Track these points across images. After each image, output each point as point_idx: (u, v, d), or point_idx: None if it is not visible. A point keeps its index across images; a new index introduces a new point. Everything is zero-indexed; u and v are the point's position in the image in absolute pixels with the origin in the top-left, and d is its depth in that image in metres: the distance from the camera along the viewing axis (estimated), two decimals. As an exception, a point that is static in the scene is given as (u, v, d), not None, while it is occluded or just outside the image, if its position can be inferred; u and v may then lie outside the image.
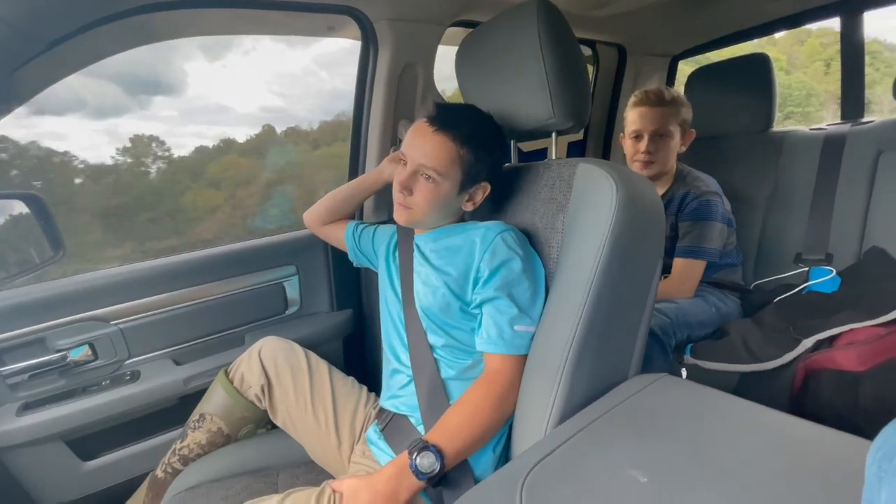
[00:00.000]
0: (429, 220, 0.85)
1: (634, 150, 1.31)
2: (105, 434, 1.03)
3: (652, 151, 1.28)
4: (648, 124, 1.28)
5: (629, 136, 1.34)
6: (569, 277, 0.71)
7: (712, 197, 1.25)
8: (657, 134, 1.28)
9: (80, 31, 0.80)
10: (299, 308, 1.27)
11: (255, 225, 2.85)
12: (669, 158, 1.30)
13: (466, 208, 0.86)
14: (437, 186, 0.79)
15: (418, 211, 0.81)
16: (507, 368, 0.74)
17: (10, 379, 0.95)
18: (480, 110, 0.85)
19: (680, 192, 1.29)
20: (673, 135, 1.29)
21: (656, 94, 1.30)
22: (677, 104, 1.30)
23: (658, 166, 1.29)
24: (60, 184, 2.45)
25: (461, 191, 0.82)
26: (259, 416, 0.97)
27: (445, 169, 0.78)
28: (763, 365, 0.99)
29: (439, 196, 0.80)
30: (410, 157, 0.80)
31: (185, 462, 0.93)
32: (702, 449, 0.52)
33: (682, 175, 1.33)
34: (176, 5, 0.90)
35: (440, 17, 1.20)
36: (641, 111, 1.30)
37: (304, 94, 3.44)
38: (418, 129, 0.80)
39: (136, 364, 1.07)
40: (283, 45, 3.09)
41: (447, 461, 0.68)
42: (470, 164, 0.79)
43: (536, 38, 0.78)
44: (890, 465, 0.31)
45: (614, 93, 1.92)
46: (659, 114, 1.28)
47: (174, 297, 1.10)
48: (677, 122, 1.29)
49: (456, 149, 0.78)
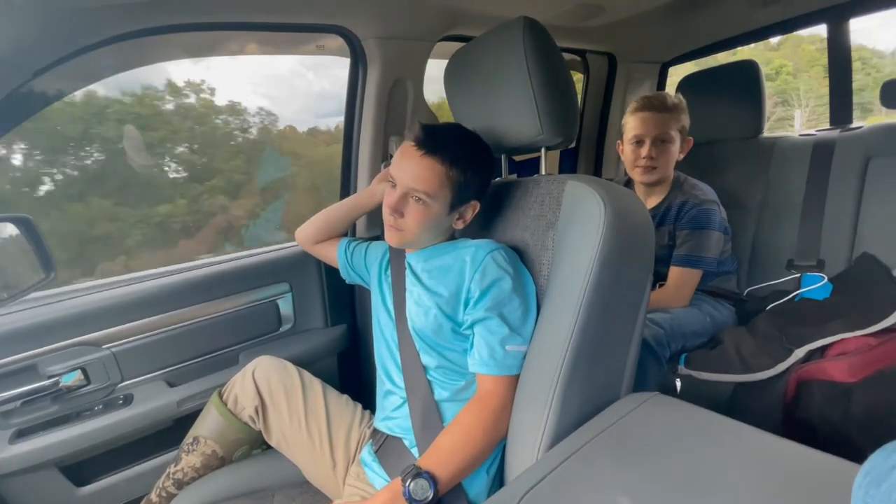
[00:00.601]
0: (420, 241, 0.85)
1: (635, 156, 1.30)
2: (99, 459, 1.03)
3: (654, 157, 1.27)
4: (651, 129, 1.27)
5: (629, 142, 1.32)
6: (559, 296, 0.71)
7: (710, 206, 1.25)
8: (659, 139, 1.27)
9: (62, 60, 0.80)
10: (293, 325, 1.27)
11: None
12: (670, 165, 1.30)
13: (457, 226, 0.86)
14: (428, 208, 0.79)
15: (409, 233, 0.82)
16: (500, 389, 0.74)
17: (3, 406, 0.94)
18: (466, 129, 0.85)
19: (678, 200, 1.29)
20: (674, 140, 1.28)
21: (659, 98, 1.29)
22: (679, 110, 1.29)
23: (659, 172, 1.28)
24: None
25: (451, 210, 0.82)
26: (254, 438, 0.96)
27: (435, 191, 0.78)
28: (755, 375, 0.99)
29: (430, 217, 0.80)
30: (400, 180, 0.79)
31: (180, 486, 0.92)
32: (691, 473, 0.52)
33: (679, 183, 1.32)
34: (160, 30, 0.90)
35: (429, 34, 1.20)
36: (644, 116, 1.28)
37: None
38: (406, 153, 0.80)
39: (130, 387, 1.06)
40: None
41: (441, 486, 0.68)
42: (459, 185, 0.80)
43: (522, 56, 0.79)
44: (877, 492, 0.31)
45: (605, 101, 1.93)
46: (661, 119, 1.27)
47: (167, 318, 1.09)
48: (678, 128, 1.29)
49: (445, 171, 0.78)
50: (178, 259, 1.23)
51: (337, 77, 1.26)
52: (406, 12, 1.12)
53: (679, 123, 1.29)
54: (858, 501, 0.33)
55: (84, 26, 0.82)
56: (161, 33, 0.92)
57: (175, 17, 0.91)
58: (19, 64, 0.76)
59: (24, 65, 0.77)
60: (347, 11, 1.08)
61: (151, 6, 0.85)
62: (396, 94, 1.23)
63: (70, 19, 0.79)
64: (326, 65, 2.94)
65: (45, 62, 0.79)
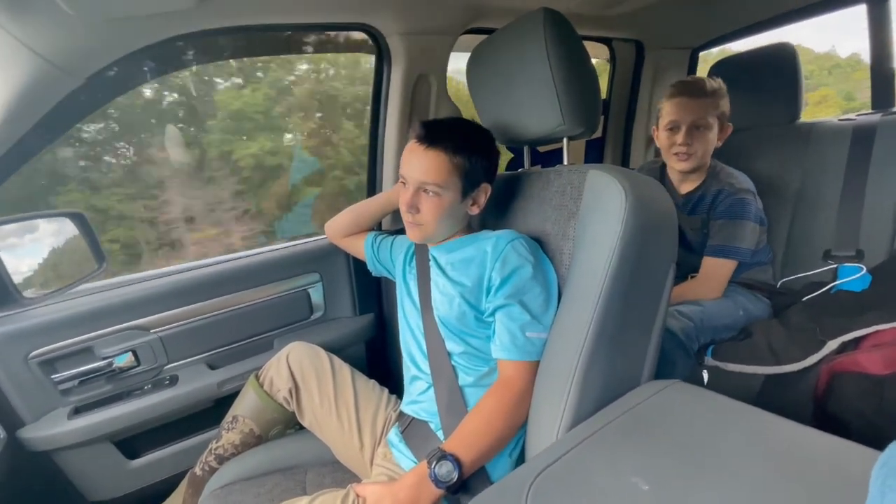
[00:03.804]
0: (440, 232, 0.88)
1: (670, 142, 1.26)
2: (148, 435, 1.11)
3: (689, 143, 1.23)
4: (687, 115, 1.22)
5: (664, 128, 1.28)
6: (579, 284, 0.72)
7: (747, 195, 1.21)
8: (695, 126, 1.22)
9: (114, 65, 0.86)
10: (324, 313, 1.32)
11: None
12: (707, 152, 1.25)
13: (472, 212, 0.88)
14: (441, 199, 0.83)
15: (428, 226, 0.85)
16: (521, 374, 0.76)
17: (62, 385, 1.03)
18: (465, 119, 0.89)
19: (713, 188, 1.25)
20: (711, 127, 1.23)
21: (696, 83, 1.25)
22: (718, 96, 1.24)
23: (695, 160, 1.24)
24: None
25: (464, 197, 0.85)
26: (288, 418, 1.02)
27: (445, 181, 0.82)
28: (786, 367, 0.97)
29: (445, 207, 0.83)
30: (410, 177, 0.83)
31: (221, 461, 0.99)
32: (708, 457, 0.53)
33: (714, 171, 1.28)
34: (200, 35, 0.96)
35: (451, 28, 1.22)
36: (680, 101, 1.24)
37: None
38: (411, 150, 0.83)
39: (175, 369, 1.14)
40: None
41: (465, 469, 0.70)
42: (467, 171, 0.83)
43: (543, 46, 0.79)
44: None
45: (633, 89, 1.89)
46: (698, 105, 1.22)
47: (207, 305, 1.16)
48: (716, 115, 1.23)
49: (450, 159, 0.81)
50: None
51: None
52: (429, 7, 1.14)
53: (718, 109, 1.24)
54: (875, 489, 0.33)
55: (131, 33, 0.88)
56: (202, 38, 0.97)
57: (213, 22, 0.96)
58: (73, 68, 0.83)
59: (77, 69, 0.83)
60: (372, 9, 1.11)
61: (192, 13, 0.90)
62: (420, 89, 1.26)
63: (119, 26, 0.85)
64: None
65: (96, 68, 0.85)
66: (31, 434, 0.98)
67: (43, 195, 1.85)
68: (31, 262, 1.10)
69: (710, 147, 1.25)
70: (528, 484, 0.51)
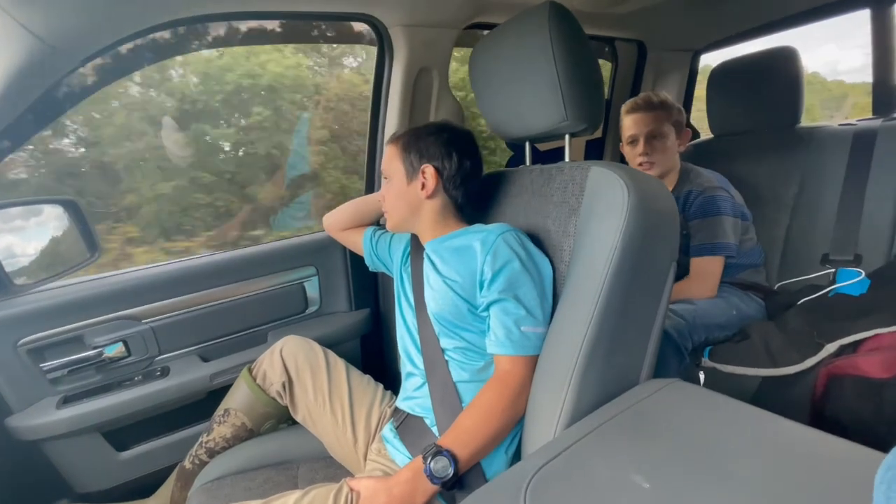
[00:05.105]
0: (404, 220, 0.92)
1: (633, 154, 1.37)
2: (138, 426, 1.09)
3: (649, 153, 1.32)
4: (642, 127, 1.34)
5: (627, 143, 1.40)
6: (580, 281, 0.72)
7: (717, 192, 1.25)
8: (652, 136, 1.33)
9: (111, 47, 0.84)
10: (319, 307, 1.31)
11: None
12: (668, 159, 1.34)
13: (423, 195, 0.88)
14: (391, 184, 0.91)
15: (390, 215, 0.93)
16: (517, 369, 0.75)
17: (52, 374, 1.02)
18: (430, 122, 0.96)
19: (685, 190, 1.30)
20: (668, 135, 1.33)
21: (647, 98, 1.37)
22: (667, 107, 1.36)
23: (658, 167, 1.33)
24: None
25: (410, 181, 0.89)
26: (280, 412, 1.01)
27: (389, 167, 0.91)
28: (783, 370, 0.97)
29: (393, 192, 0.90)
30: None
31: (212, 454, 0.98)
32: (707, 455, 0.52)
33: (686, 173, 1.35)
34: (199, 20, 0.94)
35: (454, 22, 1.21)
36: (634, 117, 1.36)
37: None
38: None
39: (166, 360, 1.13)
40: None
41: (460, 465, 0.69)
42: (405, 156, 0.89)
43: (548, 42, 0.78)
44: None
45: (633, 90, 1.89)
46: (650, 117, 1.33)
47: (201, 296, 1.15)
48: (670, 123, 1.34)
49: (396, 150, 0.90)
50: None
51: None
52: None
53: (671, 118, 1.34)
54: (881, 496, 0.32)
55: (130, 16, 0.86)
56: (198, 22, 0.95)
57: (213, 7, 0.95)
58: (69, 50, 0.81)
59: (73, 51, 0.82)
60: None
61: None
62: (422, 82, 1.25)
63: (115, 9, 0.83)
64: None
65: (93, 50, 0.83)
66: (20, 423, 0.97)
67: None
68: (21, 248, 1.09)
69: (671, 153, 1.35)
70: (527, 480, 0.50)
